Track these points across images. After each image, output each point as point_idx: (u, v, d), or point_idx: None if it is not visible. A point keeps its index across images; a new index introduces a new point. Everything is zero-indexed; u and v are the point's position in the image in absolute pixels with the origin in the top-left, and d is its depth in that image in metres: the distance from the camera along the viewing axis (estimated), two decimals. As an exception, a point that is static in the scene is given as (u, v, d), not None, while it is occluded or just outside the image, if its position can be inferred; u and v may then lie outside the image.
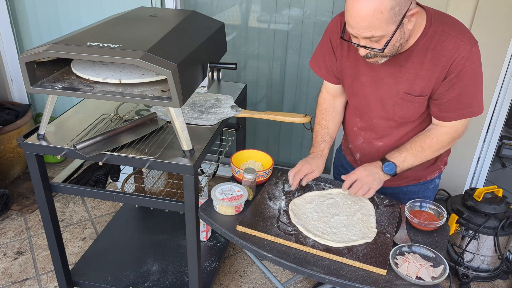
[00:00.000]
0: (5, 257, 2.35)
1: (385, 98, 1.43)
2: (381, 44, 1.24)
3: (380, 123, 1.51)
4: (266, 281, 2.26)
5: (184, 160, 1.48)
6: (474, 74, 1.31)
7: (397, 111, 1.44)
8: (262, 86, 2.86)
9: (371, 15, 1.17)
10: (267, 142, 3.02)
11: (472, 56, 1.28)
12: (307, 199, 1.52)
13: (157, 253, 2.13)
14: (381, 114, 1.48)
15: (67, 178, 1.80)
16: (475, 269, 2.24)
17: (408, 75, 1.36)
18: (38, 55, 1.34)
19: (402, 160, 1.42)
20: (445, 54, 1.29)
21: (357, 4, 1.18)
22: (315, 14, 2.58)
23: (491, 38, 2.19)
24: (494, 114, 2.39)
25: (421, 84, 1.35)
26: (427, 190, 1.65)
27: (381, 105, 1.46)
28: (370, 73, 1.43)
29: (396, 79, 1.38)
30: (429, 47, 1.31)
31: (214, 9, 2.71)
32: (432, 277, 1.21)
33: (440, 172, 1.65)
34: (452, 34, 1.28)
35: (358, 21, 1.20)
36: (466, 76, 1.30)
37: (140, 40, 1.42)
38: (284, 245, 1.33)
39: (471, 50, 1.28)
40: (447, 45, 1.28)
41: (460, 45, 1.27)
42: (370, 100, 1.47)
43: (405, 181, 1.61)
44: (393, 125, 1.49)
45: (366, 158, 1.61)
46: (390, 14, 1.17)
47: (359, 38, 1.26)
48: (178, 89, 1.32)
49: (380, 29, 1.20)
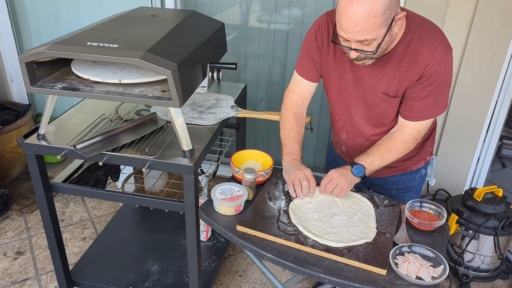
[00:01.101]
0: (5, 257, 2.35)
1: (366, 97, 1.49)
2: (372, 47, 1.28)
3: (361, 120, 1.56)
4: (266, 281, 2.26)
5: (184, 160, 1.48)
6: (444, 79, 1.38)
7: (376, 110, 1.50)
8: (262, 86, 2.86)
9: (365, 19, 1.20)
10: (267, 142, 3.02)
11: (445, 62, 1.34)
12: (306, 199, 1.52)
13: (157, 253, 2.13)
14: (363, 112, 1.53)
15: (67, 178, 1.80)
16: (475, 269, 2.24)
17: (387, 77, 1.41)
18: (38, 55, 1.34)
19: (370, 163, 1.47)
20: (420, 59, 1.35)
21: (352, 9, 1.20)
22: (315, 14, 2.58)
23: (491, 38, 2.19)
24: (494, 114, 2.39)
25: (397, 85, 1.41)
26: (413, 180, 1.71)
27: (362, 104, 1.51)
28: (353, 72, 1.47)
29: (376, 79, 1.43)
30: (407, 51, 1.36)
31: (214, 9, 2.71)
32: (432, 277, 1.21)
33: (425, 162, 1.70)
34: (428, 41, 1.34)
35: (352, 25, 1.23)
36: (436, 81, 1.37)
37: (140, 40, 1.42)
38: (284, 245, 1.33)
39: (444, 57, 1.34)
40: (423, 50, 1.34)
41: (435, 51, 1.33)
42: (352, 98, 1.52)
43: (391, 170, 1.65)
44: (373, 123, 1.54)
45: (351, 151, 1.68)
46: (382, 18, 1.21)
47: (351, 42, 1.28)
48: (178, 89, 1.32)
49: (372, 32, 1.23)
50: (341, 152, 1.77)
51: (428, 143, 1.66)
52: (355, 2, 1.19)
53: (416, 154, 1.64)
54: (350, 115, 1.57)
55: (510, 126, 3.47)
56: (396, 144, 1.47)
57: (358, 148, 1.62)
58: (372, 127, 1.56)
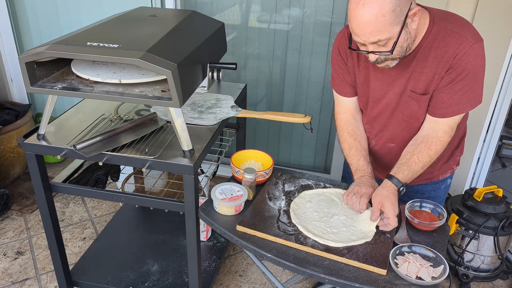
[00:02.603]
0: (5, 257, 2.35)
1: (395, 100, 1.45)
2: (388, 47, 1.26)
3: (391, 124, 1.52)
4: (266, 281, 2.26)
5: (184, 160, 1.48)
6: (474, 71, 1.31)
7: (405, 111, 1.45)
8: (262, 86, 2.86)
9: (374, 19, 1.19)
10: (267, 142, 3.02)
11: (474, 52, 1.28)
12: (306, 198, 1.52)
13: (157, 253, 2.13)
14: (392, 115, 1.49)
15: (67, 178, 1.80)
16: (475, 269, 2.24)
17: (414, 74, 1.37)
18: (38, 55, 1.34)
19: (411, 177, 1.41)
20: (447, 50, 1.30)
21: (359, 12, 1.20)
22: (315, 14, 2.58)
23: (491, 37, 2.19)
24: (494, 114, 2.39)
25: (425, 81, 1.36)
26: (438, 190, 1.66)
27: (391, 107, 1.48)
28: (380, 78, 1.44)
29: (403, 79, 1.40)
30: (433, 45, 1.32)
31: (214, 9, 2.71)
32: (432, 277, 1.21)
33: (452, 172, 1.65)
34: (455, 31, 1.29)
35: (363, 28, 1.22)
36: (464, 72, 1.30)
37: (140, 40, 1.42)
38: (284, 245, 1.33)
39: (473, 46, 1.28)
40: (449, 42, 1.29)
41: (462, 40, 1.28)
42: (380, 104, 1.49)
43: (417, 180, 1.57)
44: (403, 125, 1.50)
45: (379, 160, 1.63)
46: (392, 16, 1.19)
47: (367, 45, 1.27)
48: (178, 89, 1.32)
49: (385, 32, 1.21)
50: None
51: (457, 152, 1.60)
52: (361, 4, 1.19)
53: (444, 163, 1.60)
54: (379, 121, 1.54)
55: (510, 126, 3.47)
56: (436, 148, 1.41)
57: (388, 155, 1.59)
58: (402, 131, 1.51)
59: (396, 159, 1.46)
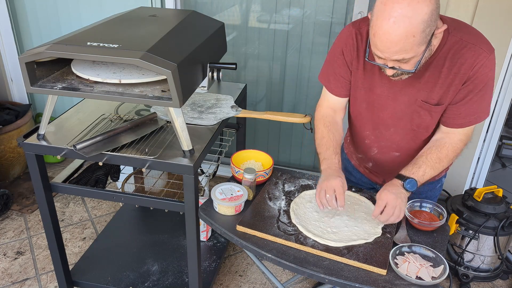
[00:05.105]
0: (5, 257, 2.35)
1: (402, 108, 1.42)
2: (410, 65, 1.21)
3: (396, 133, 1.49)
4: (266, 281, 2.26)
5: (184, 160, 1.48)
6: (489, 82, 1.31)
7: (415, 120, 1.42)
8: (262, 86, 2.86)
9: (404, 39, 1.13)
10: (267, 142, 3.02)
11: (490, 63, 1.28)
12: (306, 198, 1.52)
13: (157, 253, 2.13)
14: (398, 124, 1.46)
15: (67, 178, 1.80)
16: (475, 269, 2.24)
17: (427, 84, 1.34)
18: (38, 55, 1.34)
19: (422, 175, 1.37)
20: (464, 62, 1.28)
21: (388, 29, 1.12)
22: (315, 14, 2.58)
23: (491, 38, 2.18)
24: (494, 114, 2.39)
25: (439, 92, 1.34)
26: (434, 189, 1.66)
27: (398, 116, 1.44)
28: (387, 85, 1.40)
29: (414, 89, 1.36)
30: (448, 56, 1.29)
31: (214, 9, 2.71)
32: (432, 277, 1.21)
33: (446, 171, 1.65)
34: (471, 42, 1.27)
35: (389, 46, 1.16)
36: (481, 84, 1.30)
37: (140, 40, 1.42)
38: (284, 245, 1.33)
39: (489, 58, 1.28)
40: (465, 53, 1.27)
41: (480, 53, 1.27)
42: (385, 111, 1.45)
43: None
44: (410, 135, 1.47)
45: (380, 167, 1.61)
46: (421, 36, 1.14)
47: (387, 60, 1.22)
48: (178, 89, 1.32)
49: (411, 51, 1.16)
50: (357, 164, 1.70)
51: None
52: (392, 21, 1.11)
53: None
54: (383, 129, 1.50)
55: (510, 126, 3.47)
56: (448, 152, 1.39)
57: (390, 164, 1.56)
58: (408, 140, 1.48)
59: (400, 168, 1.42)
